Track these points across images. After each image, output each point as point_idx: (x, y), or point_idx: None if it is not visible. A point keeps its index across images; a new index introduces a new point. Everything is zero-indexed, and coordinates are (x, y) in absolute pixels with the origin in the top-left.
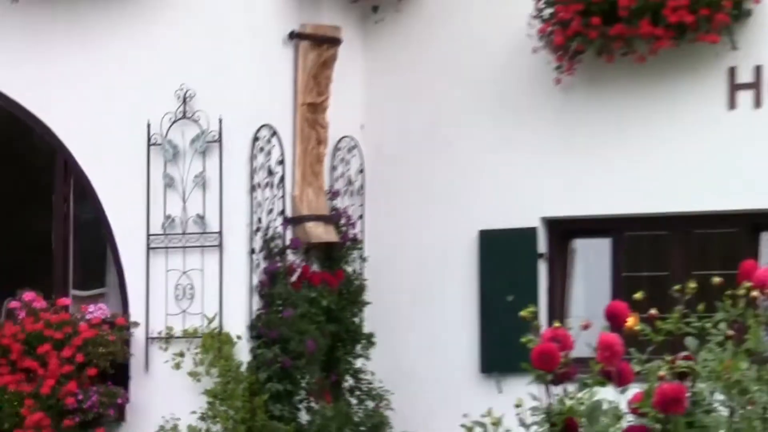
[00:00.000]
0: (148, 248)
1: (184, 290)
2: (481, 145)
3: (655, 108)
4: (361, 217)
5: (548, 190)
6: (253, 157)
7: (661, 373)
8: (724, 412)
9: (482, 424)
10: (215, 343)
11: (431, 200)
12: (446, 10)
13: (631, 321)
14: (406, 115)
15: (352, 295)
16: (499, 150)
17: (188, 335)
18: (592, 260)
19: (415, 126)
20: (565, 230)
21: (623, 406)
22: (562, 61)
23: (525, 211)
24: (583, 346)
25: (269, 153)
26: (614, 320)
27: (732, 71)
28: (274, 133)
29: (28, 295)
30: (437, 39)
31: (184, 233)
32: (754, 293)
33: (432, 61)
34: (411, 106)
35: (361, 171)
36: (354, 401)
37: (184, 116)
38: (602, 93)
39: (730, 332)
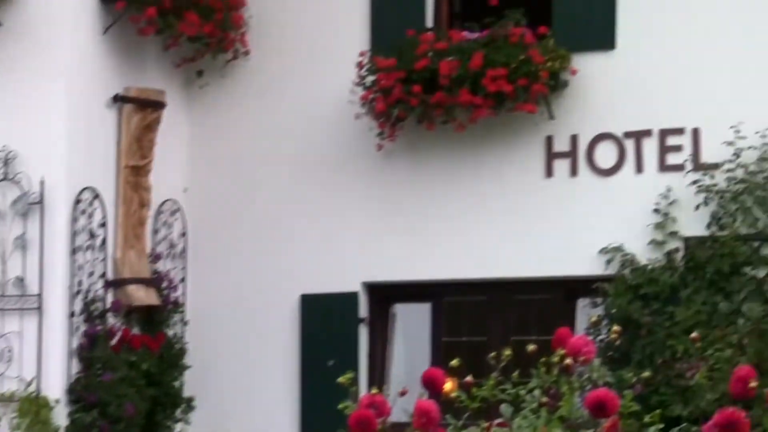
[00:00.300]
0: None
1: (2, 353)
2: (304, 209)
3: (475, 175)
4: (183, 280)
5: (370, 255)
6: (74, 220)
7: None
8: None
9: None
10: (32, 407)
11: (254, 264)
12: (271, 76)
13: (448, 387)
14: (230, 178)
15: (172, 358)
16: (321, 214)
17: (5, 399)
18: (412, 325)
19: (238, 189)
20: (386, 295)
21: None
22: (384, 127)
23: (346, 275)
24: (400, 411)
25: (91, 215)
26: (431, 386)
27: (549, 140)
28: (97, 196)
29: None
30: (261, 104)
31: (2, 296)
32: (568, 361)
33: (256, 125)
34: (235, 169)
35: (184, 234)
36: None
37: (5, 178)
38: (423, 159)
39: (545, 399)
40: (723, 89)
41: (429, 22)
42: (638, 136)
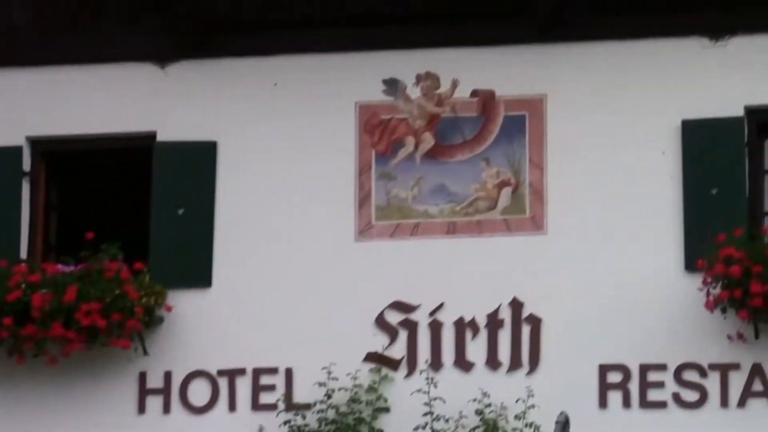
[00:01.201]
0: None
1: None
2: None
3: (67, 410)
4: None
5: None
6: None
7: None
8: None
9: None
10: None
11: None
12: None
13: None
14: None
15: None
16: None
17: None
18: None
19: None
20: None
21: None
22: None
23: None
24: None
25: None
26: None
27: (143, 376)
28: None
29: None
30: None
31: None
32: None
33: None
34: None
35: None
36: None
37: None
38: (13, 394)
39: None
40: (316, 330)
41: (23, 253)
42: (232, 374)
